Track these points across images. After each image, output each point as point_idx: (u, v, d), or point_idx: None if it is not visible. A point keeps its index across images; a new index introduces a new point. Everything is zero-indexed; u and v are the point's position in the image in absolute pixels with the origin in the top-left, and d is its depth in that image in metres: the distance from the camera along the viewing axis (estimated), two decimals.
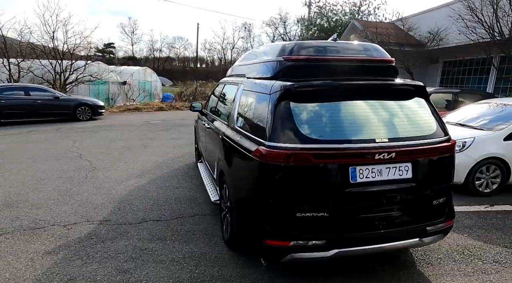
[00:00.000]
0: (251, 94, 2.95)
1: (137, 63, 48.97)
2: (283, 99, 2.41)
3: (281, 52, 2.82)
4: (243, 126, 2.90)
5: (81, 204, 4.26)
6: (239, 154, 2.76)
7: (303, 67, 2.70)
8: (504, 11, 8.46)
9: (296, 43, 2.84)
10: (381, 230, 2.38)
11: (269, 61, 2.93)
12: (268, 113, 2.45)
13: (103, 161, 6.45)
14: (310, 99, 2.44)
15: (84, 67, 16.54)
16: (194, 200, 4.47)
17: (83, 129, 10.25)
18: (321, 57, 2.70)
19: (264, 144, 2.37)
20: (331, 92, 2.47)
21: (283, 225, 2.34)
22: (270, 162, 2.30)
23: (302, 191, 2.31)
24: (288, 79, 2.58)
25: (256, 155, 2.40)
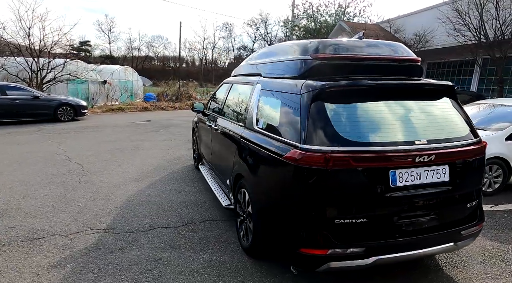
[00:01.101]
0: (274, 94, 2.82)
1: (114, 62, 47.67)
2: (317, 100, 2.29)
3: (306, 51, 2.70)
4: (266, 128, 2.76)
5: (80, 211, 3.99)
6: (265, 157, 2.62)
7: (332, 66, 2.60)
8: (490, 14, 8.71)
9: (322, 41, 2.73)
10: (419, 235, 2.31)
11: (293, 60, 2.80)
12: (299, 114, 2.32)
13: (94, 164, 6.12)
14: (344, 100, 2.34)
15: (63, 65, 15.85)
16: (200, 204, 4.28)
17: (66, 131, 9.77)
18: (350, 55, 2.60)
19: (297, 146, 2.24)
20: (366, 92, 2.38)
21: (321, 233, 2.22)
22: (306, 166, 2.18)
23: (341, 196, 2.20)
24: (318, 79, 2.46)
25: (289, 158, 2.27)
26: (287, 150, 2.32)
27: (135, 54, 61.83)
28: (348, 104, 2.34)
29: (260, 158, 2.72)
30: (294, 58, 2.81)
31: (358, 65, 2.64)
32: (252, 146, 2.86)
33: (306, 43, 2.82)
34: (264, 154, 2.62)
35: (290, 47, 3.01)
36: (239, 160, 3.17)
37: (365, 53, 2.67)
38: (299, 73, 2.72)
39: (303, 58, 2.69)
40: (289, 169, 2.28)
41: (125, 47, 66.34)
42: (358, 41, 2.78)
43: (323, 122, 2.24)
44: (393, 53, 2.75)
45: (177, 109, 17.60)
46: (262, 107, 3.00)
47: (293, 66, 2.80)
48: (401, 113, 2.38)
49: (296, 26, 18.72)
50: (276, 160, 2.45)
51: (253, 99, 3.20)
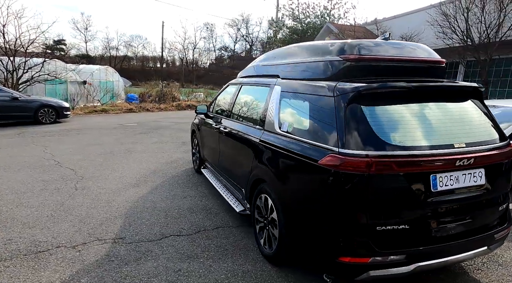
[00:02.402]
0: (300, 96, 2.73)
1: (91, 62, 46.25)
2: (354, 102, 2.22)
3: (335, 51, 2.63)
4: (293, 131, 2.66)
5: (82, 219, 3.76)
6: (294, 162, 2.53)
7: (361, 68, 2.53)
8: (476, 17, 8.97)
9: (349, 42, 2.66)
10: (457, 240, 2.27)
11: (319, 61, 2.72)
12: (335, 118, 2.24)
13: (87, 169, 5.83)
14: (381, 102, 2.28)
15: (42, 65, 15.16)
16: (209, 210, 4.13)
17: (50, 134, 9.32)
18: (380, 57, 2.55)
19: (335, 151, 2.16)
20: (403, 94, 2.33)
21: (362, 241, 2.14)
22: (345, 171, 2.10)
23: (382, 202, 2.13)
24: (349, 81, 2.40)
25: (326, 163, 2.18)
26: (322, 155, 2.24)
27: (113, 54, 60.30)
28: (385, 107, 2.28)
29: (287, 162, 2.62)
30: (321, 59, 2.73)
31: (387, 67, 2.59)
32: (277, 150, 2.76)
33: (334, 44, 2.75)
34: (293, 159, 2.53)
35: (314, 48, 2.93)
36: (259, 164, 3.06)
37: (393, 54, 2.62)
38: (326, 75, 2.64)
39: (331, 59, 2.62)
40: (325, 174, 2.20)
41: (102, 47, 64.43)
42: (385, 42, 2.73)
43: (362, 125, 2.17)
44: (419, 54, 2.72)
45: (163, 110, 17.22)
46: (285, 110, 2.91)
47: (320, 68, 2.72)
48: (437, 116, 2.35)
49: (285, 27, 18.73)
50: (308, 165, 2.35)
51: (272, 102, 3.10)
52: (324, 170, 2.21)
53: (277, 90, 3.10)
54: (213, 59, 69.08)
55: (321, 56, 2.77)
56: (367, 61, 2.54)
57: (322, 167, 2.21)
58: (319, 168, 2.25)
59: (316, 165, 2.27)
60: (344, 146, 2.14)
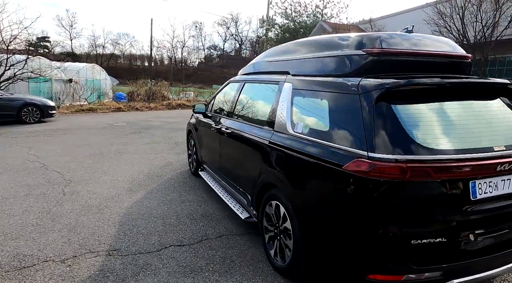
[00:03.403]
0: (316, 94, 2.48)
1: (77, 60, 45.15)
2: (382, 100, 1.99)
3: (356, 45, 2.39)
4: (309, 133, 2.41)
5: (72, 229, 3.43)
6: (312, 166, 2.28)
7: (386, 62, 2.31)
8: (473, 15, 8.92)
9: (370, 34, 2.44)
10: (497, 253, 2.07)
11: (337, 56, 2.48)
12: (361, 118, 2.00)
13: (76, 171, 5.47)
14: (413, 100, 2.05)
15: (25, 62, 14.53)
16: (210, 216, 3.85)
17: (34, 134, 8.86)
18: (407, 51, 2.32)
19: (363, 155, 1.92)
20: (437, 92, 2.11)
21: (396, 256, 1.91)
22: (376, 178, 1.86)
23: (418, 212, 1.90)
24: (375, 77, 2.17)
25: (353, 169, 1.94)
26: (347, 159, 2.00)
27: (100, 52, 59.16)
28: (417, 106, 2.05)
29: (304, 167, 2.37)
30: (338, 54, 2.49)
31: (411, 61, 2.38)
32: (291, 153, 2.51)
33: (349, 37, 2.52)
34: (312, 163, 2.28)
35: (329, 41, 2.69)
36: (269, 168, 2.80)
37: (418, 48, 2.40)
38: (344, 70, 2.40)
39: (351, 53, 2.38)
40: (351, 181, 1.96)
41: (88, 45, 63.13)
42: (407, 35, 2.51)
43: (393, 126, 1.93)
44: (446, 49, 2.51)
45: (153, 109, 16.78)
46: (298, 109, 2.66)
47: (337, 63, 2.49)
48: (473, 116, 2.14)
49: (277, 25, 18.51)
50: (330, 170, 2.11)
51: (283, 100, 2.85)
52: (349, 176, 1.97)
53: (288, 88, 2.86)
54: (202, 58, 68.53)
55: (338, 51, 2.53)
56: (391, 56, 2.32)
57: (348, 172, 1.98)
58: (343, 173, 2.01)
59: (340, 171, 2.03)
60: (373, 149, 1.90)
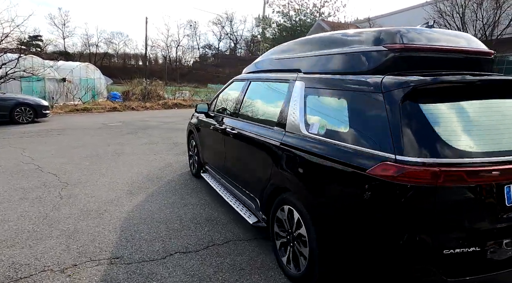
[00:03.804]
0: (333, 93, 2.35)
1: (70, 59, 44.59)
2: (408, 99, 1.86)
3: (375, 41, 2.26)
4: (326, 134, 2.28)
5: (70, 235, 3.26)
6: (331, 170, 2.14)
7: (408, 59, 2.18)
8: (474, 13, 8.86)
9: (387, 29, 2.30)
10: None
11: (355, 52, 2.35)
12: (387, 118, 1.87)
13: (72, 173, 5.28)
14: (441, 99, 1.92)
15: (17, 60, 14.21)
16: (214, 220, 3.70)
17: (28, 134, 8.62)
18: (431, 46, 2.20)
19: (390, 158, 1.79)
20: (467, 90, 1.98)
21: (426, 267, 1.78)
22: (405, 183, 1.73)
23: (450, 220, 1.78)
24: (398, 74, 2.04)
25: (379, 174, 1.81)
26: (372, 163, 1.86)
27: (93, 51, 58.52)
28: (446, 105, 1.92)
29: (322, 170, 2.24)
30: (356, 50, 2.36)
31: (434, 58, 2.25)
32: (306, 155, 2.37)
33: (371, 32, 2.38)
34: (330, 166, 2.14)
35: (346, 37, 2.56)
36: (281, 171, 2.66)
37: (441, 44, 2.28)
38: (364, 68, 2.27)
39: (370, 49, 2.25)
40: (377, 186, 1.83)
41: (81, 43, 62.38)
42: (428, 29, 2.38)
43: (423, 127, 1.80)
44: (467, 44, 2.39)
45: (149, 109, 16.55)
46: (313, 109, 2.52)
47: (355, 60, 2.35)
48: (505, 116, 2.01)
49: (274, 24, 18.37)
50: (352, 175, 1.98)
51: (295, 99, 2.71)
52: (374, 180, 1.84)
53: (300, 86, 2.72)
54: (197, 58, 68.20)
55: (354, 47, 2.40)
56: (414, 52, 2.18)
57: (372, 177, 1.84)
58: (367, 178, 1.88)
59: (364, 175, 1.89)
60: (401, 152, 1.77)
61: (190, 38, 73.47)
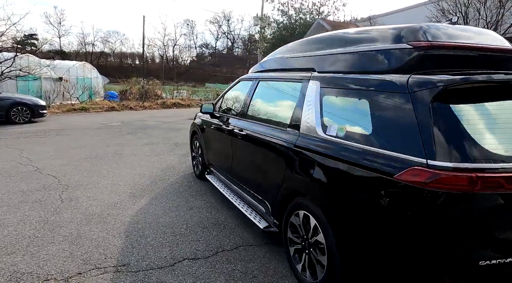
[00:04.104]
0: (353, 93, 2.24)
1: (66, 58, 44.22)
2: (439, 100, 1.75)
3: (398, 38, 2.15)
4: (346, 136, 2.17)
5: (73, 241, 3.13)
6: (353, 174, 2.04)
7: (434, 57, 2.07)
8: (477, 12, 8.79)
9: (409, 26, 2.19)
10: None
11: (378, 50, 2.23)
12: (417, 119, 1.76)
13: (72, 175, 5.14)
14: (472, 100, 1.82)
15: (13, 59, 13.99)
16: (222, 224, 3.58)
17: (25, 135, 8.45)
18: (459, 44, 2.08)
19: (420, 163, 1.68)
20: (500, 90, 1.88)
21: (459, 280, 1.68)
22: (437, 190, 1.62)
23: (485, 229, 1.67)
24: (424, 73, 1.93)
25: (409, 180, 1.70)
26: (400, 167, 1.76)
27: (89, 49, 58.10)
28: (479, 106, 1.82)
29: (342, 174, 2.13)
30: (377, 48, 2.24)
31: (460, 56, 2.14)
32: (323, 159, 2.26)
33: (393, 29, 2.26)
34: (351, 170, 2.03)
35: (365, 34, 2.45)
36: (295, 175, 2.55)
37: (466, 41, 2.17)
38: (386, 67, 2.15)
39: (394, 47, 2.13)
40: (406, 192, 1.72)
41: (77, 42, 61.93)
42: (453, 26, 2.27)
43: (456, 130, 1.70)
44: (494, 42, 2.28)
45: (147, 109, 16.38)
46: (330, 110, 2.41)
47: (376, 58, 2.24)
48: None
49: (274, 22, 18.25)
50: (376, 180, 1.87)
51: (309, 100, 2.60)
52: (403, 186, 1.73)
53: (315, 86, 2.60)
54: (194, 57, 67.99)
55: (374, 44, 2.29)
56: (440, 49, 2.07)
57: (400, 182, 1.73)
58: (394, 183, 1.77)
59: (390, 180, 1.79)
60: (433, 156, 1.66)
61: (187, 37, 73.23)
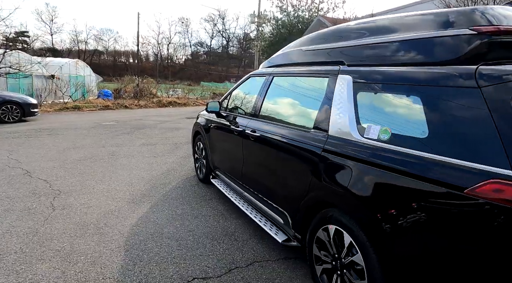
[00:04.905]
0: (399, 88, 1.90)
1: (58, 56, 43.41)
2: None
3: (454, 23, 1.82)
4: (393, 140, 1.83)
5: (66, 257, 2.76)
6: (406, 187, 1.70)
7: (503, 45, 1.73)
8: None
9: (464, 9, 1.87)
10: None
11: (430, 38, 1.89)
12: (493, 120, 1.44)
13: (65, 179, 4.75)
14: None
15: (3, 56, 13.49)
16: (232, 235, 3.24)
17: (15, 135, 8.01)
18: None
19: (501, 174, 1.36)
20: None
21: None
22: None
23: None
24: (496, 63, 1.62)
25: (490, 196, 1.37)
26: (472, 179, 1.43)
27: (82, 47, 57.20)
28: None
29: (390, 186, 1.79)
30: (429, 35, 1.90)
31: None
32: (364, 166, 1.93)
33: (447, 12, 1.93)
34: (403, 182, 1.70)
35: (411, 20, 2.11)
36: (324, 184, 2.21)
37: None
38: (442, 57, 1.82)
39: (461, 33, 1.79)
40: (482, 211, 1.40)
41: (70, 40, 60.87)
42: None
43: None
44: None
45: (143, 107, 15.93)
46: (367, 109, 2.07)
47: (429, 47, 1.90)
48: None
49: (273, 20, 17.89)
50: (440, 194, 1.54)
51: (340, 97, 2.26)
52: (477, 204, 1.40)
53: (346, 81, 2.26)
54: (188, 55, 67.41)
55: (423, 32, 1.95)
56: (508, 35, 1.74)
57: (474, 199, 1.41)
58: (464, 199, 1.44)
59: (459, 195, 1.46)
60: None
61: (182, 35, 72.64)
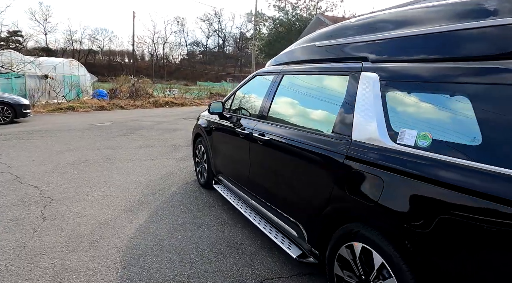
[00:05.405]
0: (441, 87, 1.65)
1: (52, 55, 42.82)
2: None
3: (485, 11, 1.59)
4: (435, 147, 1.58)
5: (57, 275, 2.48)
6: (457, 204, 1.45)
7: None
8: None
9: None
10: None
11: (474, 28, 1.65)
12: None
13: (58, 185, 4.46)
14: None
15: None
16: (238, 247, 2.98)
17: (6, 137, 7.68)
18: None
19: None
20: None
21: None
22: None
23: None
24: None
25: None
26: None
27: (77, 47, 56.56)
28: None
29: (434, 202, 1.53)
30: (473, 25, 1.66)
31: None
32: (399, 178, 1.68)
33: (468, 2, 1.70)
34: (454, 197, 1.45)
35: (447, 8, 1.86)
36: (349, 195, 1.95)
37: None
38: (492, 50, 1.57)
39: (501, 23, 1.55)
40: None
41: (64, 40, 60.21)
42: None
43: None
44: None
45: (139, 108, 15.60)
46: (400, 110, 1.82)
47: (473, 40, 1.65)
48: None
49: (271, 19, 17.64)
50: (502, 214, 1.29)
51: (365, 97, 2.01)
52: None
53: (371, 79, 2.01)
54: (184, 55, 67.01)
55: (465, 22, 1.71)
56: None
57: None
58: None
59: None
60: None
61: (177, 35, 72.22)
